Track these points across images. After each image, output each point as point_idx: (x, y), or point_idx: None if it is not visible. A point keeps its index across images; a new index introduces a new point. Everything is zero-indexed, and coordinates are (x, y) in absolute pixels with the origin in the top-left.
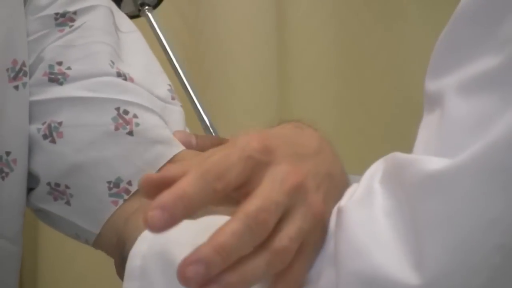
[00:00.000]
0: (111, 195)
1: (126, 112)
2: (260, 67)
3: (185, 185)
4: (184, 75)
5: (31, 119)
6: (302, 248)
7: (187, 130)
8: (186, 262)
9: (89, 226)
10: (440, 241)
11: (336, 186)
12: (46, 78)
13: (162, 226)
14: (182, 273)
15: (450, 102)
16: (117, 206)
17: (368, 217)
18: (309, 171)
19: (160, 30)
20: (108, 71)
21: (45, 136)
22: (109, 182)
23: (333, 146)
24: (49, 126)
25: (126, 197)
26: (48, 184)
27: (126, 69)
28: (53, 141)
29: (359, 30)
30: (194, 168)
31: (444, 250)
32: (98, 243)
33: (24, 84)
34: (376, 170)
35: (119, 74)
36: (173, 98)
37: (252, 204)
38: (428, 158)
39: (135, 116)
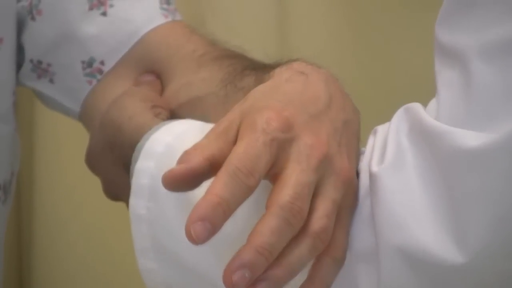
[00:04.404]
0: (85, 75)
1: None
2: None
3: (219, 191)
4: None
5: None
6: (339, 217)
7: None
8: (231, 269)
9: (72, 104)
10: (481, 218)
11: (353, 131)
12: None
13: (205, 237)
14: (228, 280)
15: (475, 67)
16: (91, 86)
17: (402, 184)
18: (328, 134)
19: None
20: None
21: (28, 13)
22: (83, 62)
23: (338, 80)
24: (31, 3)
25: (99, 76)
26: (31, 61)
27: None
28: (32, 18)
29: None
30: (223, 167)
31: (485, 228)
32: (81, 120)
33: None
34: (400, 123)
35: None
36: None
37: (285, 194)
38: (461, 132)
39: None
